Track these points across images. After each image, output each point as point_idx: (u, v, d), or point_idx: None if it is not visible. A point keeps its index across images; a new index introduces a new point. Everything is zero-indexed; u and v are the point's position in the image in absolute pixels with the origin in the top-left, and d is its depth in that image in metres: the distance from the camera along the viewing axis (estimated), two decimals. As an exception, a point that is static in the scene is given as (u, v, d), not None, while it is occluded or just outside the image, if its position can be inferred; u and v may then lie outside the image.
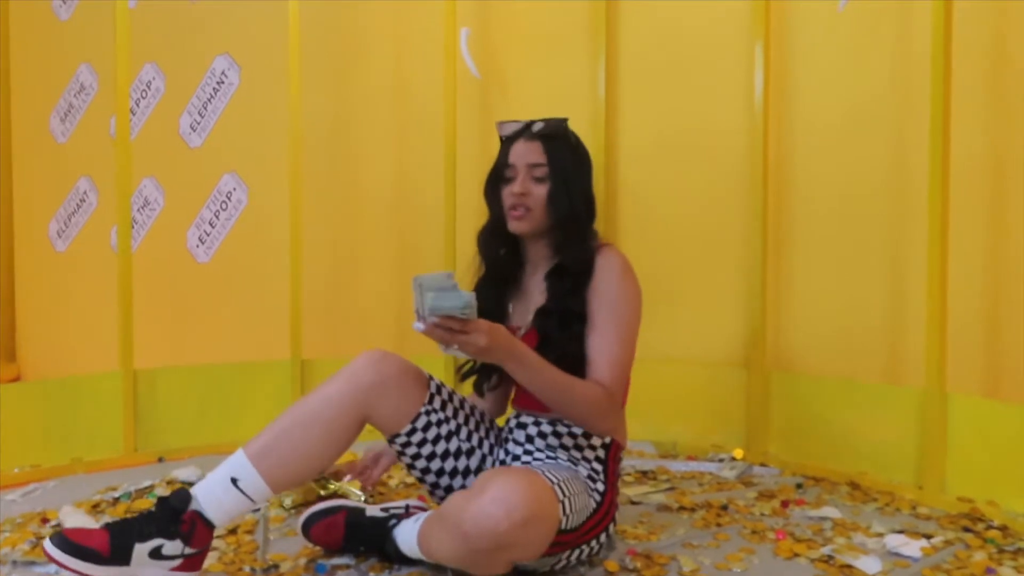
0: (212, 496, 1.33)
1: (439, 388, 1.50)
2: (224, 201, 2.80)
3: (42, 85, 3.28)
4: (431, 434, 1.46)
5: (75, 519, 1.68)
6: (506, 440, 1.56)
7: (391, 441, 1.47)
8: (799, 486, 2.03)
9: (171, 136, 2.87)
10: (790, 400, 2.24)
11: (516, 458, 1.53)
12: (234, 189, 2.79)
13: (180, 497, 1.31)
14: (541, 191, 1.50)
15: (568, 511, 1.34)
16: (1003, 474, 1.81)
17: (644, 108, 2.53)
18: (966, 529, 1.72)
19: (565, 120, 1.56)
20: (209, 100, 2.83)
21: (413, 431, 1.44)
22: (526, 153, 1.51)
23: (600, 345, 1.45)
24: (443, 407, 1.48)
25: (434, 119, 2.50)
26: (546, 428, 1.52)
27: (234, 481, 1.33)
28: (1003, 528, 1.71)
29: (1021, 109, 1.91)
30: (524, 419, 1.55)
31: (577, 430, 1.50)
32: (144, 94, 2.93)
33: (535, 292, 1.55)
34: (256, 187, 2.77)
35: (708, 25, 2.43)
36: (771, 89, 2.28)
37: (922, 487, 1.93)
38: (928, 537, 1.66)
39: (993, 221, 1.98)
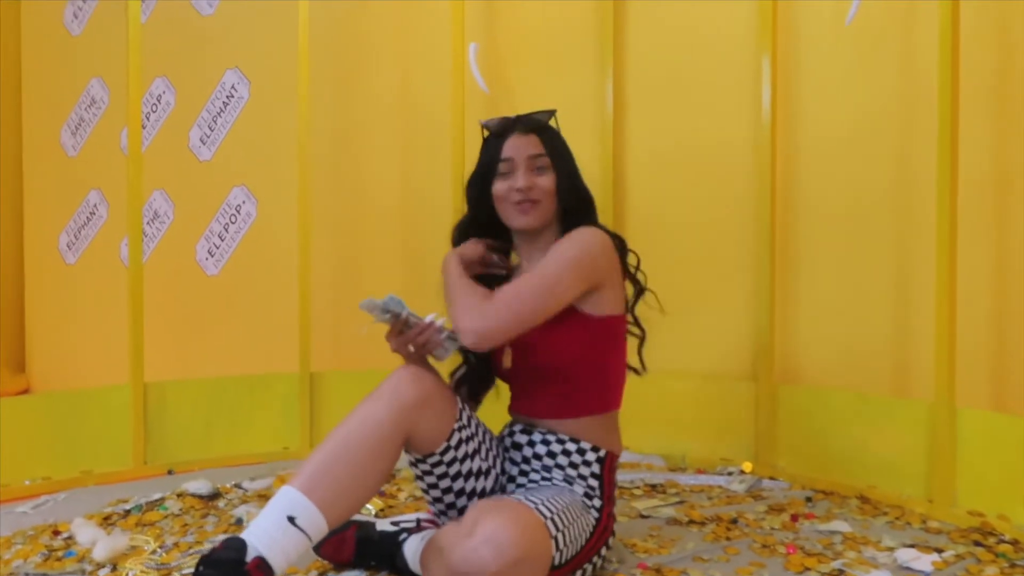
0: (269, 539, 1.19)
1: (462, 403, 1.46)
2: (233, 214, 2.82)
3: (53, 99, 3.31)
4: (461, 452, 1.40)
5: (86, 532, 1.69)
6: (503, 459, 1.52)
7: (421, 461, 1.40)
8: (808, 500, 2.02)
9: (181, 149, 2.89)
10: (799, 413, 2.24)
11: (512, 479, 1.51)
12: (243, 202, 2.81)
13: (234, 547, 1.17)
14: (545, 182, 1.48)
15: (562, 545, 1.31)
16: (1014, 487, 1.81)
17: (651, 121, 2.54)
18: (977, 543, 1.71)
19: (553, 111, 1.55)
20: (219, 114, 2.85)
21: (447, 449, 1.39)
22: (524, 146, 1.49)
23: (518, 281, 1.40)
24: (469, 423, 1.44)
25: (441, 133, 2.51)
26: (540, 448, 1.49)
27: (291, 519, 1.21)
28: (1014, 542, 1.71)
29: (1028, 122, 1.91)
30: (519, 437, 1.52)
31: (571, 446, 1.48)
32: (154, 108, 2.95)
33: None
34: (265, 200, 2.78)
35: (715, 38, 2.44)
36: (778, 102, 2.29)
37: (932, 501, 1.92)
38: (939, 551, 1.65)
39: (1000, 234, 1.98)
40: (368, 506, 1.86)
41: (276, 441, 2.45)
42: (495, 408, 1.63)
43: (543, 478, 1.48)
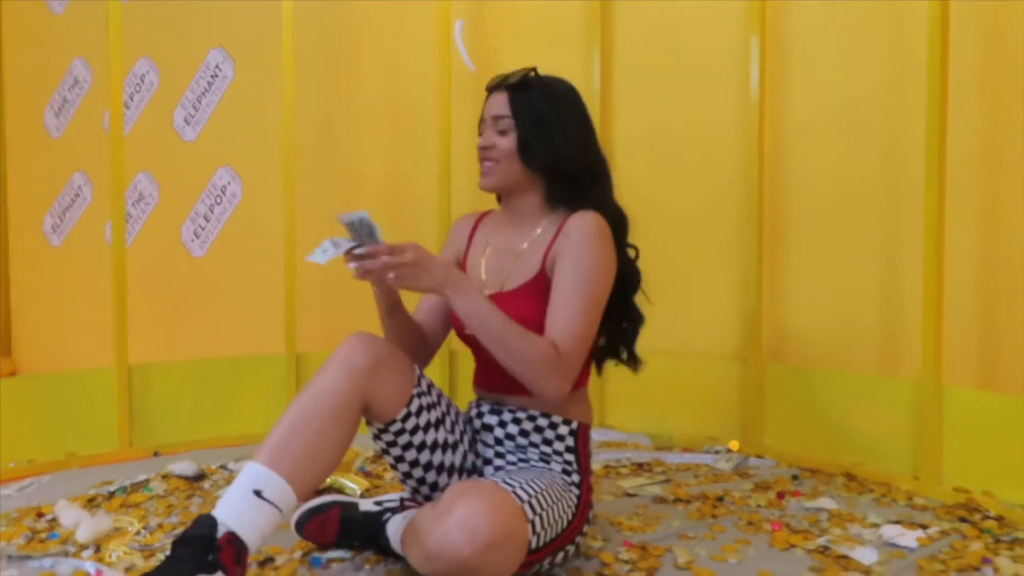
0: (238, 514, 1.18)
1: (421, 371, 1.44)
2: (219, 195, 2.79)
3: (36, 79, 3.27)
4: (423, 420, 1.38)
5: (70, 513, 1.68)
6: (474, 442, 1.49)
7: (383, 432, 1.38)
8: (795, 477, 2.02)
9: (165, 130, 2.86)
10: (786, 392, 2.24)
11: (488, 462, 1.48)
12: (228, 183, 2.78)
13: (205, 524, 1.16)
14: (505, 143, 1.43)
15: (539, 528, 1.29)
16: (999, 464, 1.81)
17: (639, 102, 2.52)
18: (962, 519, 1.72)
19: (532, 69, 1.48)
20: (203, 94, 2.82)
21: (408, 416, 1.36)
22: (492, 106, 1.47)
23: (561, 307, 1.36)
24: (429, 390, 1.41)
25: (428, 111, 2.49)
26: (512, 428, 1.46)
27: (257, 493, 1.19)
28: (999, 518, 1.71)
29: (1016, 102, 1.90)
30: (488, 419, 1.49)
31: (543, 421, 1.45)
32: (138, 88, 2.92)
33: (525, 252, 1.47)
34: (251, 181, 2.76)
35: (704, 18, 2.42)
36: (767, 82, 2.27)
37: (918, 478, 1.93)
38: (924, 528, 1.66)
39: (988, 213, 1.97)
40: (353, 486, 1.86)
41: (262, 423, 2.43)
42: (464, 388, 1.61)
43: (520, 459, 1.47)
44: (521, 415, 1.47)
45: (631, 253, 1.52)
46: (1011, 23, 1.90)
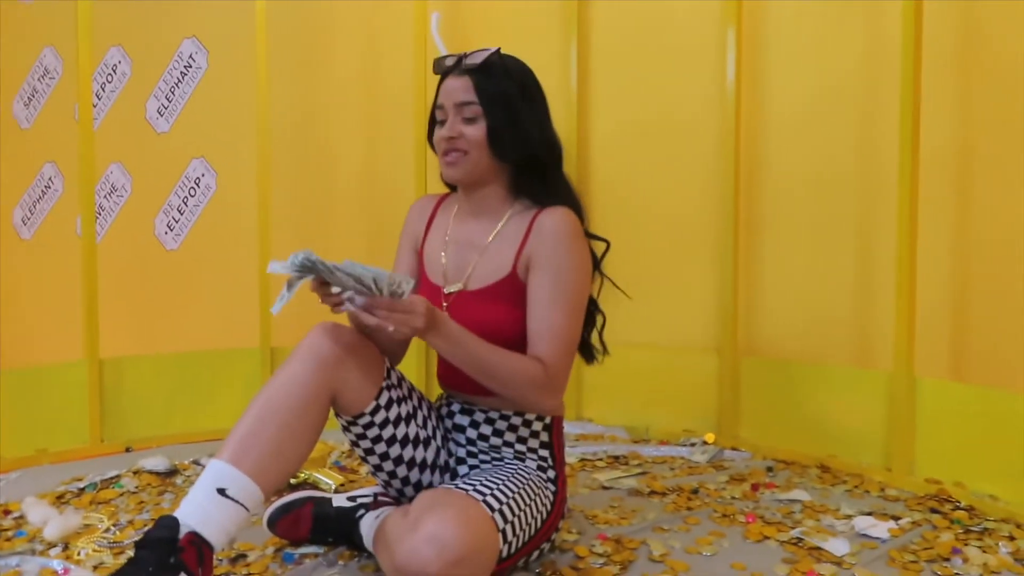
0: (202, 513, 1.14)
1: (391, 364, 1.39)
2: (192, 187, 2.75)
3: (5, 69, 3.20)
4: (393, 413, 1.34)
5: (37, 510, 1.65)
6: (446, 439, 1.46)
7: (352, 424, 1.34)
8: (770, 469, 2.04)
9: (138, 121, 2.81)
10: (761, 385, 2.25)
11: (461, 461, 1.45)
12: (203, 175, 2.74)
13: (166, 525, 1.12)
14: (474, 132, 1.35)
15: (511, 536, 1.26)
16: (970, 456, 1.83)
17: (616, 95, 2.51)
18: (933, 510, 1.74)
19: (497, 50, 1.38)
20: (176, 84, 2.78)
21: (377, 408, 1.32)
22: (454, 91, 1.36)
23: (543, 319, 1.31)
24: (400, 384, 1.37)
25: (405, 103, 2.47)
26: (485, 428, 1.43)
27: (221, 491, 1.15)
28: (969, 509, 1.73)
29: (989, 94, 1.92)
30: (459, 419, 1.45)
31: (516, 420, 1.42)
32: (110, 78, 2.87)
33: (488, 246, 1.41)
34: (225, 173, 2.72)
35: (680, 10, 2.41)
36: (743, 74, 2.27)
37: (891, 469, 1.95)
38: (896, 519, 1.67)
39: (960, 207, 1.99)
40: (328, 481, 1.84)
41: (236, 417, 2.39)
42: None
43: (493, 459, 1.44)
44: (494, 415, 1.43)
45: (601, 247, 1.47)
46: (984, 17, 1.91)
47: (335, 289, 1.17)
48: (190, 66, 2.76)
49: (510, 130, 1.36)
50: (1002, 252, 1.87)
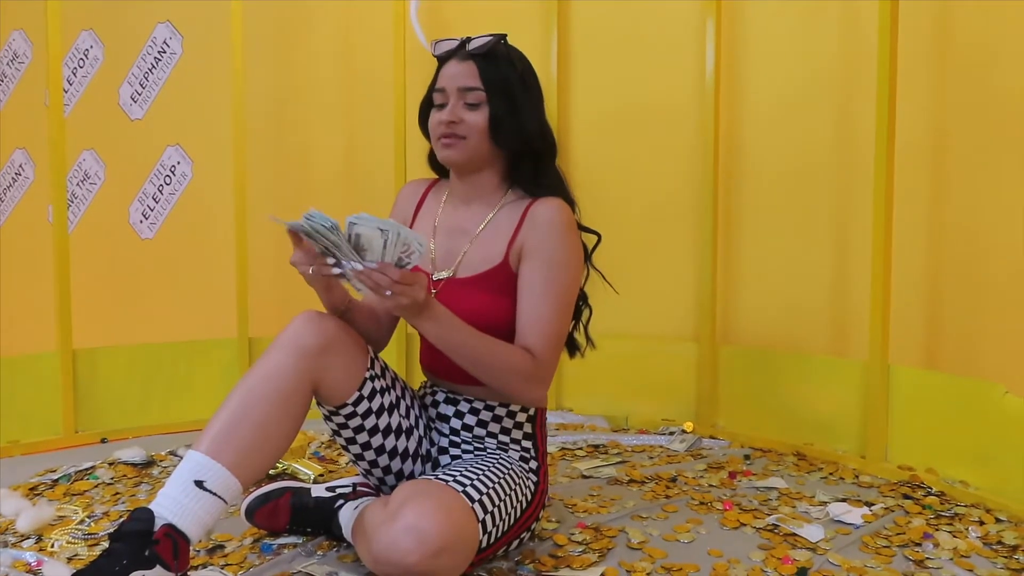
0: (178, 506, 1.13)
1: (374, 353, 1.38)
2: (168, 175, 2.72)
3: (-28, 53, 3.14)
4: (375, 404, 1.33)
5: (10, 502, 1.63)
6: (429, 428, 1.45)
7: (334, 414, 1.33)
8: (747, 457, 2.06)
9: (111, 107, 2.76)
10: (739, 373, 2.27)
11: (443, 451, 1.44)
12: (178, 163, 2.71)
13: (141, 518, 1.11)
14: (476, 118, 1.35)
15: (490, 527, 1.26)
16: (942, 443, 1.86)
17: (596, 83, 2.51)
18: (906, 496, 1.77)
19: (503, 36, 1.39)
20: (150, 70, 2.73)
21: (360, 399, 1.31)
22: (457, 75, 1.35)
23: (533, 309, 1.32)
24: (383, 373, 1.36)
25: (383, 90, 2.45)
26: (469, 419, 1.42)
27: (199, 483, 1.14)
28: (940, 494, 1.76)
29: (964, 85, 1.94)
30: (444, 408, 1.44)
31: (501, 411, 1.42)
32: (81, 63, 2.81)
33: (480, 234, 1.40)
34: (201, 160, 2.69)
35: (660, 1, 2.41)
36: (722, 64, 2.28)
37: (865, 456, 1.98)
38: (869, 505, 1.70)
39: (935, 197, 2.01)
40: (307, 472, 1.84)
41: (213, 408, 2.32)
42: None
43: (476, 448, 1.43)
44: (479, 405, 1.43)
45: (592, 240, 1.48)
46: (959, 9, 1.93)
47: (330, 260, 1.18)
48: (164, 51, 2.71)
49: (511, 118, 1.36)
50: (975, 243, 1.90)
